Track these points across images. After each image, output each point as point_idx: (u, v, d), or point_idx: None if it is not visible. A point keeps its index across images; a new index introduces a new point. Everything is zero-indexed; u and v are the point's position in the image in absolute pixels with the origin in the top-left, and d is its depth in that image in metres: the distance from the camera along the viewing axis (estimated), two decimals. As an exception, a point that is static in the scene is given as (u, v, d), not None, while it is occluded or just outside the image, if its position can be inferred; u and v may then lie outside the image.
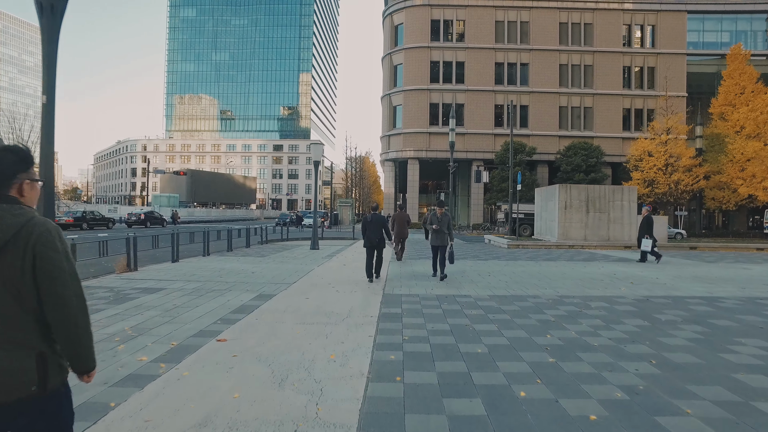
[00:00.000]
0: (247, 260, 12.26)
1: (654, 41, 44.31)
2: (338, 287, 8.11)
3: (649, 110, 44.10)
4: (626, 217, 18.93)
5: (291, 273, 9.86)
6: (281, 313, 5.94)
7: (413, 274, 10.01)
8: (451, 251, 8.89)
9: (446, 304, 6.76)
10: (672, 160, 32.84)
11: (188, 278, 8.82)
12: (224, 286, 8.04)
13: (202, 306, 6.32)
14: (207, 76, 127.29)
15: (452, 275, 9.93)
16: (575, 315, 6.11)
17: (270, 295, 7.19)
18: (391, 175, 46.10)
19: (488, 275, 9.86)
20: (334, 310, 6.22)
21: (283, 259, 12.83)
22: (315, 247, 16.21)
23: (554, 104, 43.90)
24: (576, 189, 19.01)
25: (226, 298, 6.88)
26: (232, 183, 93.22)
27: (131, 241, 9.47)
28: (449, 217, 9.07)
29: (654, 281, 9.23)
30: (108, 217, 32.75)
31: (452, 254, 8.91)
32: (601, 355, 4.36)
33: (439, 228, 8.92)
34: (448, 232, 8.94)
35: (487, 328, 5.38)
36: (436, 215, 9.07)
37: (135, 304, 6.34)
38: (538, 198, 21.90)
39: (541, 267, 11.63)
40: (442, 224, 8.93)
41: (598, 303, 6.93)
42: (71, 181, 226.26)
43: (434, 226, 8.96)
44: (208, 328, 5.14)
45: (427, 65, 43.88)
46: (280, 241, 20.22)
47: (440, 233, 8.97)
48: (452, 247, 9.00)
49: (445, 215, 9.01)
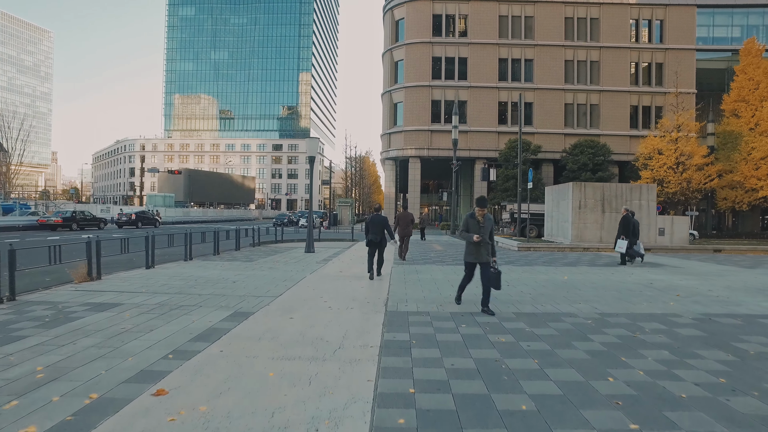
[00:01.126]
0: (233, 266, 10.94)
1: (662, 36, 42.98)
2: (332, 302, 6.79)
3: (657, 107, 42.79)
4: (644, 217, 17.61)
5: (278, 282, 8.54)
6: (255, 342, 4.63)
7: (419, 282, 8.70)
8: (497, 272, 6.19)
9: (465, 326, 5.44)
10: (683, 158, 31.57)
11: (156, 290, 7.50)
12: (195, 300, 6.72)
13: (159, 330, 5.01)
14: (206, 76, 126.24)
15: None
16: (631, 343, 4.79)
17: (247, 314, 5.87)
18: (392, 174, 44.76)
19: (507, 285, 8.54)
20: (324, 336, 4.90)
21: (273, 264, 11.51)
22: (310, 250, 14.90)
23: (559, 101, 42.59)
24: (591, 187, 17.70)
25: (191, 318, 5.57)
26: (231, 183, 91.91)
27: (92, 246, 8.15)
28: (492, 223, 6.29)
29: (705, 293, 7.90)
30: (99, 218, 31.43)
31: (498, 277, 6.20)
32: (701, 416, 3.05)
33: (482, 238, 6.11)
34: (491, 244, 6.32)
35: (525, 364, 4.07)
36: (476, 220, 6.19)
37: (73, 328, 5.02)
38: (548, 197, 20.59)
39: (564, 274, 10.30)
40: (485, 231, 6.14)
41: (651, 324, 5.60)
42: (71, 180, 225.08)
43: (474, 237, 6.09)
44: (152, 368, 3.83)
45: (428, 61, 42.56)
46: (273, 243, 18.90)
47: (483, 246, 6.15)
48: (497, 266, 6.36)
49: (488, 219, 6.21)
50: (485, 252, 6.14)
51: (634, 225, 12.50)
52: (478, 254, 6.18)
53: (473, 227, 6.18)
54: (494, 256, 6.30)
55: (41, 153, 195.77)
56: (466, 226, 6.22)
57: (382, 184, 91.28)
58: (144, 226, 34.60)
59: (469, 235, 6.16)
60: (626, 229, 12.41)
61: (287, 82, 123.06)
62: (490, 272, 6.12)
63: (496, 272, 6.16)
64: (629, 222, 12.42)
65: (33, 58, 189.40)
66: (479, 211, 6.17)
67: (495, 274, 6.15)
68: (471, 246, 6.25)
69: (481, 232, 6.11)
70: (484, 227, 6.15)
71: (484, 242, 6.13)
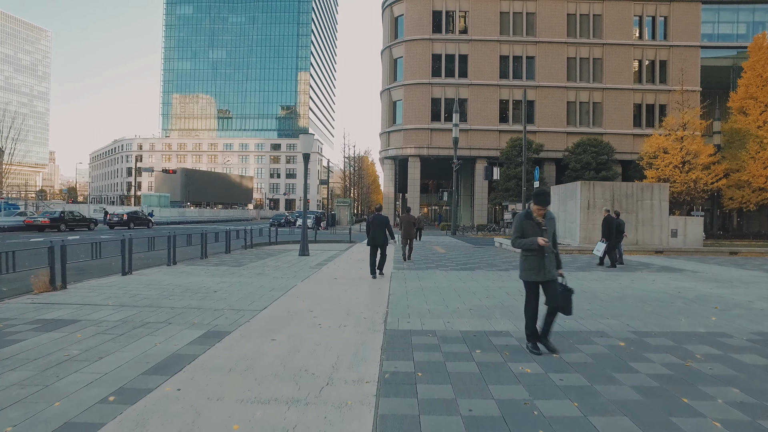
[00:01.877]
0: (218, 272, 10.05)
1: (666, 33, 42.19)
2: (323, 317, 5.91)
3: (661, 105, 42.02)
4: (656, 218, 16.76)
5: (265, 292, 7.65)
6: (224, 376, 3.74)
7: (422, 291, 7.83)
8: (567, 291, 4.51)
9: (479, 350, 4.57)
10: (689, 157, 30.80)
11: (124, 302, 6.61)
12: (166, 315, 5.83)
13: (110, 357, 4.12)
14: (204, 75, 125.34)
15: (474, 294, 7.73)
16: (686, 375, 3.91)
17: (221, 334, 4.99)
18: (391, 173, 43.86)
19: (520, 294, 7.68)
20: (310, 365, 4.02)
21: (263, 269, 10.61)
22: (304, 253, 14.00)
23: (562, 99, 41.77)
24: (600, 187, 16.84)
25: (154, 340, 4.68)
26: (229, 182, 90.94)
27: (55, 251, 7.26)
28: (556, 224, 4.71)
29: (746, 305, 7.01)
30: (89, 218, 30.46)
31: (569, 297, 4.49)
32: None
33: (547, 243, 4.42)
34: (556, 252, 4.64)
35: (562, 409, 3.19)
36: (534, 222, 4.52)
37: (3, 356, 4.13)
38: (554, 197, 19.72)
39: (580, 282, 9.42)
40: (548, 234, 4.51)
41: (701, 348, 4.72)
42: (68, 180, 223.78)
43: (540, 241, 4.39)
44: (80, 418, 2.94)
45: (428, 58, 41.71)
46: (267, 245, 18.01)
47: (548, 256, 4.49)
48: (566, 282, 4.63)
49: (551, 220, 4.60)
50: (551, 264, 4.50)
51: (617, 226, 12.19)
52: (543, 268, 4.46)
53: (531, 231, 4.50)
54: (560, 267, 4.64)
55: (39, 153, 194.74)
56: (521, 231, 4.56)
57: (381, 184, 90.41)
58: (136, 227, 33.65)
59: (529, 241, 4.45)
60: (608, 231, 12.06)
61: (286, 82, 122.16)
62: (558, 291, 4.47)
63: (566, 290, 4.49)
64: (611, 224, 12.09)
65: (30, 58, 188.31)
66: (538, 210, 4.50)
67: (565, 294, 4.47)
68: (531, 258, 4.50)
69: (546, 237, 4.48)
70: (547, 230, 4.50)
71: (549, 251, 4.48)
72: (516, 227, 4.59)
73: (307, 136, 13.60)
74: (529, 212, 4.58)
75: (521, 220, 4.57)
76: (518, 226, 4.57)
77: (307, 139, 13.64)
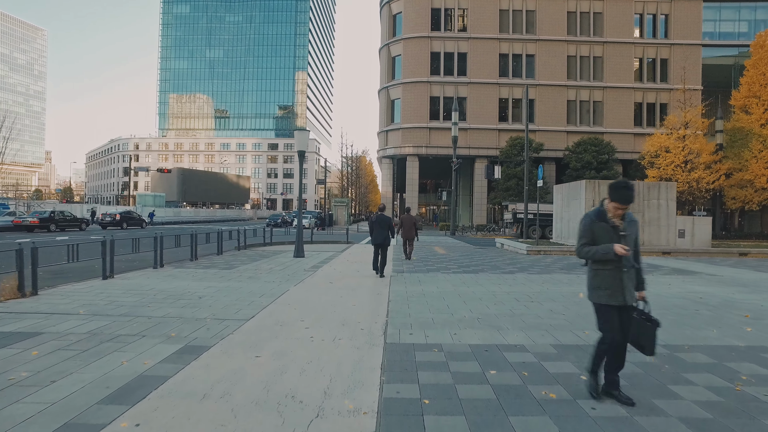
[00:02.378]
0: (206, 275, 9.44)
1: (667, 31, 41.75)
2: (315, 328, 5.32)
3: (662, 104, 41.59)
4: (663, 218, 16.22)
5: (254, 298, 7.06)
6: (195, 405, 3.15)
7: (424, 297, 7.25)
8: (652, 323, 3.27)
9: (493, 368, 3.99)
10: (692, 156, 30.35)
11: (98, 310, 6.01)
12: (141, 326, 5.24)
13: (65, 381, 3.53)
14: (201, 74, 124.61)
15: (480, 300, 7.15)
16: (740, 403, 3.33)
17: (200, 349, 4.40)
18: (389, 173, 43.27)
19: (530, 300, 7.10)
20: (298, 390, 3.44)
21: (255, 272, 10.01)
22: (299, 254, 13.40)
23: (562, 98, 41.28)
24: (605, 186, 16.27)
25: (121, 358, 4.09)
26: (225, 182, 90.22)
27: (25, 254, 6.65)
28: (638, 228, 3.49)
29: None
30: (81, 218, 29.74)
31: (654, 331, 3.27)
32: None
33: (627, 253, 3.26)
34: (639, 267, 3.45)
35: (602, 451, 2.63)
36: (609, 225, 3.34)
37: (-61, 380, 3.54)
38: (557, 196, 19.17)
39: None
40: (629, 241, 3.35)
41: (745, 366, 4.14)
42: (65, 180, 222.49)
43: (618, 249, 3.22)
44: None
45: (427, 56, 41.16)
46: (261, 246, 17.39)
47: (627, 272, 3.34)
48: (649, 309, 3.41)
49: (632, 223, 3.41)
50: (631, 283, 3.34)
51: None
52: (622, 288, 3.29)
53: (605, 237, 3.30)
54: (643, 288, 3.42)
55: (35, 152, 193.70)
56: (591, 236, 3.38)
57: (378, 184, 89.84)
58: (130, 227, 32.98)
59: (603, 250, 3.27)
60: None
61: (283, 81, 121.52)
62: (639, 320, 3.28)
63: (647, 321, 3.26)
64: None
65: (26, 57, 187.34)
66: (616, 209, 3.26)
67: (648, 325, 3.24)
68: (604, 273, 3.34)
69: (627, 242, 3.31)
70: (627, 236, 3.31)
71: (629, 264, 3.30)
72: (583, 231, 3.44)
73: (302, 133, 13.01)
74: (601, 212, 3.39)
75: (591, 222, 3.40)
76: (586, 230, 3.42)
77: (302, 135, 13.04)
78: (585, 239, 3.43)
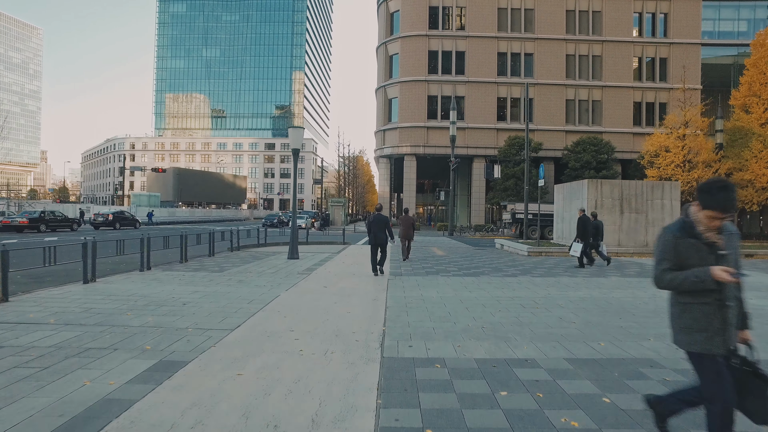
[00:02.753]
0: (194, 279, 8.97)
1: (666, 30, 41.47)
2: (305, 339, 4.86)
3: (661, 104, 41.33)
4: (667, 218, 15.82)
5: (242, 305, 6.59)
6: (159, 438, 2.71)
7: (423, 302, 6.82)
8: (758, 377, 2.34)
9: (503, 388, 3.54)
10: (691, 155, 30.05)
11: (70, 319, 5.53)
12: (115, 337, 4.77)
13: (11, 408, 3.05)
14: (197, 73, 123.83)
15: (484, 307, 6.72)
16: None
17: (176, 365, 3.94)
18: (386, 173, 42.84)
19: (535, 307, 6.68)
20: (282, 417, 2.98)
21: (245, 275, 9.54)
22: (293, 256, 12.93)
23: (560, 97, 40.97)
24: (608, 185, 15.89)
25: (84, 377, 3.63)
26: (222, 182, 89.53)
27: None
28: (739, 240, 2.45)
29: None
30: (71, 218, 29.15)
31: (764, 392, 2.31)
32: None
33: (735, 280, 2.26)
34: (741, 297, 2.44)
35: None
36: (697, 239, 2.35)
37: None
38: (558, 196, 18.77)
39: (600, 290, 8.42)
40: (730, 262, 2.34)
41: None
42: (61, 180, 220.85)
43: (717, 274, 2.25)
44: None
45: (424, 55, 40.76)
46: (255, 247, 16.91)
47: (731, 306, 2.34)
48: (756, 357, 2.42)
49: (732, 236, 2.39)
50: (734, 321, 2.38)
51: (596, 227, 12.23)
52: (724, 328, 2.34)
53: (695, 257, 2.37)
54: (746, 326, 2.48)
55: (30, 152, 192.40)
56: (675, 258, 2.41)
57: (376, 184, 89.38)
58: (123, 228, 32.43)
59: (696, 276, 2.32)
60: (583, 231, 12.04)
61: (280, 81, 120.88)
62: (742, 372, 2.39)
63: (758, 377, 2.35)
64: (586, 224, 12.07)
65: (21, 55, 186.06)
66: (711, 219, 2.30)
67: (757, 383, 2.35)
68: (700, 309, 2.37)
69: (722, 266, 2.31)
70: (727, 256, 2.36)
71: (733, 295, 2.35)
72: (663, 251, 2.44)
73: (297, 130, 12.55)
74: (687, 224, 2.40)
75: (674, 239, 2.41)
76: (668, 249, 2.42)
77: (297, 133, 12.58)
78: (667, 262, 2.41)
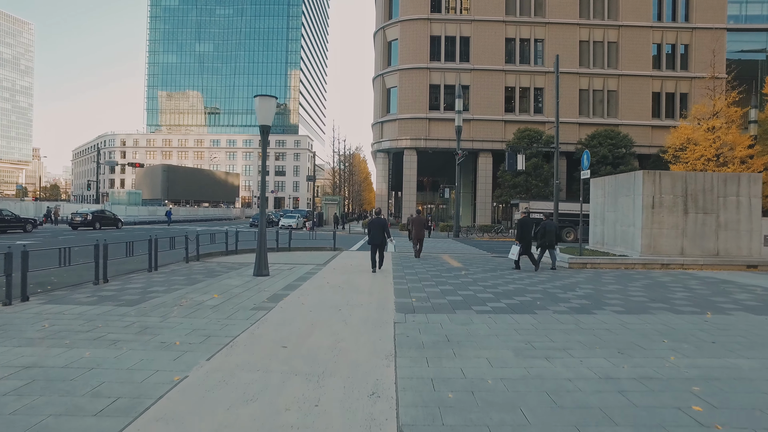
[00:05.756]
0: (72, 325, 5.51)
1: (688, 14, 38.25)
2: None
3: (682, 94, 38.15)
4: (744, 220, 12.46)
5: (101, 405, 3.19)
6: None
7: (469, 391, 3.51)
8: None
9: None
10: (725, 149, 26.90)
11: None
12: None
13: None
14: (190, 68, 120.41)
15: (590, 413, 3.39)
16: None
17: None
18: (384, 168, 39.37)
19: (678, 410, 3.34)
20: None
21: (166, 313, 6.09)
22: (261, 271, 9.46)
23: (574, 87, 37.68)
24: (669, 178, 12.49)
25: None
26: (213, 179, 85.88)
27: None
28: None
29: None
30: (26, 218, 25.55)
31: None
32: None
33: None
34: None
35: None
36: None
37: None
38: (596, 192, 15.39)
39: (668, 317, 5.05)
40: None
41: None
42: (55, 178, 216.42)
43: None
44: None
45: (426, 40, 37.38)
46: (221, 256, 13.48)
47: None
48: None
49: None
50: None
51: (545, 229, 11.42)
52: None
53: None
54: None
55: (21, 149, 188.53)
56: None
57: (373, 182, 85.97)
58: (104, 228, 29.16)
59: None
60: (521, 233, 11.47)
61: (275, 76, 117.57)
62: None
63: None
64: (524, 225, 11.49)
65: (12, 51, 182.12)
66: None
67: None
68: None
69: None
70: None
71: None
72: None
73: (266, 99, 9.12)
74: None
75: None
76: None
77: (267, 103, 9.16)
78: None
